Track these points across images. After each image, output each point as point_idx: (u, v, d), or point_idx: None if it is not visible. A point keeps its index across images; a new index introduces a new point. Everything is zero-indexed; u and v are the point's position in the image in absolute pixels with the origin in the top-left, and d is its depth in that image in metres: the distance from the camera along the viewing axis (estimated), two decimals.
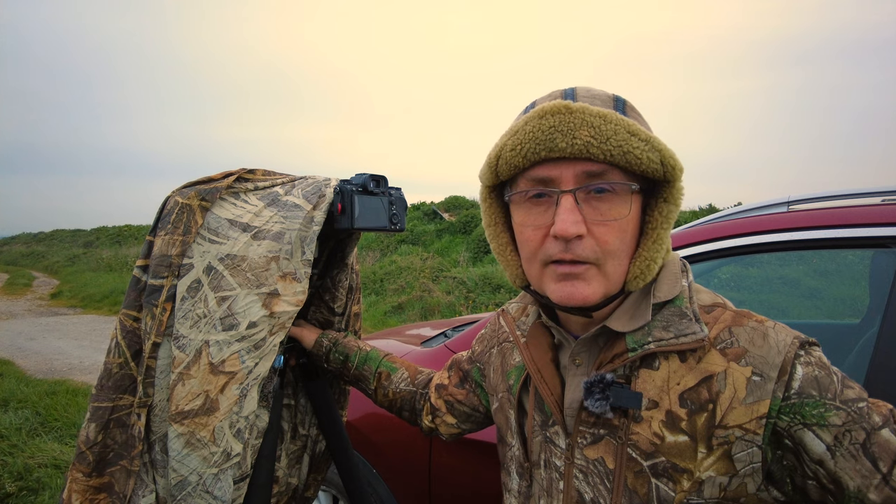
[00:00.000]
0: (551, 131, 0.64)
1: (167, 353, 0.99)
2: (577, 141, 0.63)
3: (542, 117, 0.65)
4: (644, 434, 0.66)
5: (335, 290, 1.25)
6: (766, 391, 0.62)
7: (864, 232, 1.20)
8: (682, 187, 0.68)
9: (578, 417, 0.71)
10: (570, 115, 0.64)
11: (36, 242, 32.84)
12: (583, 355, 0.73)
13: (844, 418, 0.60)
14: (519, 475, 0.80)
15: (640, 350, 0.67)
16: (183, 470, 0.97)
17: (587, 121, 0.63)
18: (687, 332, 0.66)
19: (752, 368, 0.63)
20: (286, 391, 1.25)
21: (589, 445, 0.70)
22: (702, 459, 0.63)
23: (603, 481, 0.68)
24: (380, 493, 1.71)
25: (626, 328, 0.69)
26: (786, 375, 0.62)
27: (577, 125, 0.63)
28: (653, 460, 0.65)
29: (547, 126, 0.64)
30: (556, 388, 0.74)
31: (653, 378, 0.67)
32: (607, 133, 0.63)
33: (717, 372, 0.65)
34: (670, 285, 0.70)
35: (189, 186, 1.06)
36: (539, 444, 0.77)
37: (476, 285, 8.78)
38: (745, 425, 0.62)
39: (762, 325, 0.67)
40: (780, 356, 0.63)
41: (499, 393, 0.88)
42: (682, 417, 0.65)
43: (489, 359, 0.94)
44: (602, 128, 0.63)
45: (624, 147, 0.63)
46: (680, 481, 0.64)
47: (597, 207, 0.65)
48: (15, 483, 2.95)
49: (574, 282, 0.66)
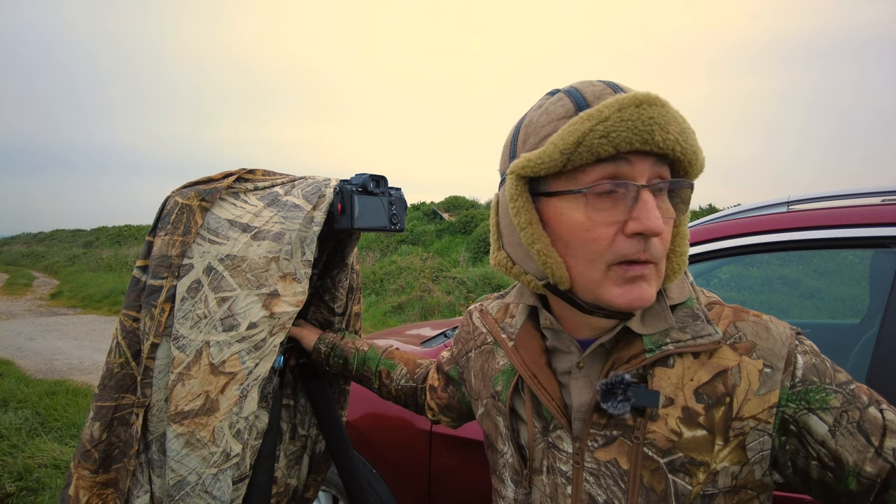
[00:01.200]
0: (651, 122, 0.60)
1: (165, 354, 0.99)
2: (669, 136, 0.61)
3: (640, 106, 0.60)
4: (661, 432, 0.66)
5: (335, 291, 1.25)
6: (775, 381, 0.65)
7: (864, 232, 1.20)
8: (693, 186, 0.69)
9: (589, 420, 0.70)
10: (663, 109, 0.61)
11: (36, 242, 32.85)
12: (586, 358, 0.72)
13: (842, 400, 0.64)
14: (515, 483, 0.78)
15: (657, 351, 0.68)
16: (182, 470, 0.97)
17: (675, 117, 0.62)
18: (703, 334, 0.68)
19: (763, 361, 0.66)
20: (285, 391, 1.25)
21: (600, 448, 0.69)
22: (718, 451, 0.65)
23: (617, 482, 0.68)
24: (380, 493, 1.71)
25: (647, 330, 0.69)
26: (791, 366, 0.65)
27: (670, 120, 0.62)
28: (670, 457, 0.66)
29: (647, 116, 0.60)
30: (556, 393, 0.73)
31: (668, 376, 0.68)
32: (687, 132, 0.63)
33: (730, 366, 0.66)
34: (680, 287, 0.72)
35: (189, 186, 1.06)
36: (542, 451, 0.75)
37: (476, 285, 8.78)
38: (759, 415, 0.65)
39: (761, 318, 0.69)
40: (785, 348, 0.66)
41: (483, 399, 0.86)
42: (700, 412, 0.66)
43: (467, 363, 0.92)
44: (684, 126, 0.63)
45: (695, 147, 0.64)
46: (696, 474, 0.65)
47: (660, 206, 0.65)
48: (15, 483, 2.95)
49: (641, 283, 0.64)
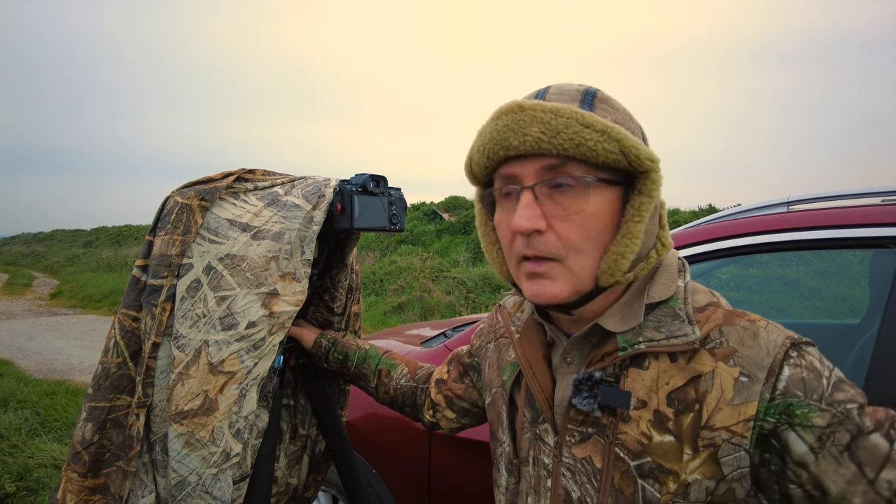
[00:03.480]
0: (505, 130, 0.66)
1: (167, 353, 0.99)
2: (527, 138, 0.64)
3: (498, 118, 0.67)
4: (632, 433, 0.66)
5: (335, 290, 1.25)
6: (753, 393, 0.61)
7: (864, 232, 1.20)
8: (657, 178, 0.66)
9: (567, 415, 0.71)
10: (521, 113, 0.65)
11: (36, 242, 32.84)
12: (574, 353, 0.73)
13: (829, 420, 0.58)
14: (508, 472, 0.80)
15: (630, 350, 0.67)
16: (182, 470, 0.97)
17: (537, 117, 0.64)
18: (678, 334, 0.65)
19: (741, 369, 0.62)
20: (285, 391, 1.25)
21: (577, 444, 0.70)
22: (687, 461, 0.63)
23: (590, 480, 0.68)
24: (380, 493, 1.71)
25: (617, 328, 0.68)
26: (773, 377, 0.61)
27: (528, 122, 0.64)
28: (639, 460, 0.65)
29: (501, 126, 0.66)
30: (547, 385, 0.74)
31: (642, 377, 0.67)
32: (557, 127, 0.63)
33: (704, 372, 0.64)
34: (665, 285, 0.70)
35: (189, 186, 1.06)
36: (528, 441, 0.77)
37: (476, 285, 8.78)
38: (732, 427, 0.61)
39: (754, 324, 0.65)
40: (770, 357, 0.62)
41: (492, 388, 0.88)
42: (669, 417, 0.64)
43: (485, 354, 0.94)
44: (552, 122, 0.63)
45: (576, 139, 0.63)
46: (666, 483, 0.63)
47: (559, 202, 0.65)
48: (15, 483, 2.95)
49: (540, 280, 0.67)
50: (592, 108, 0.67)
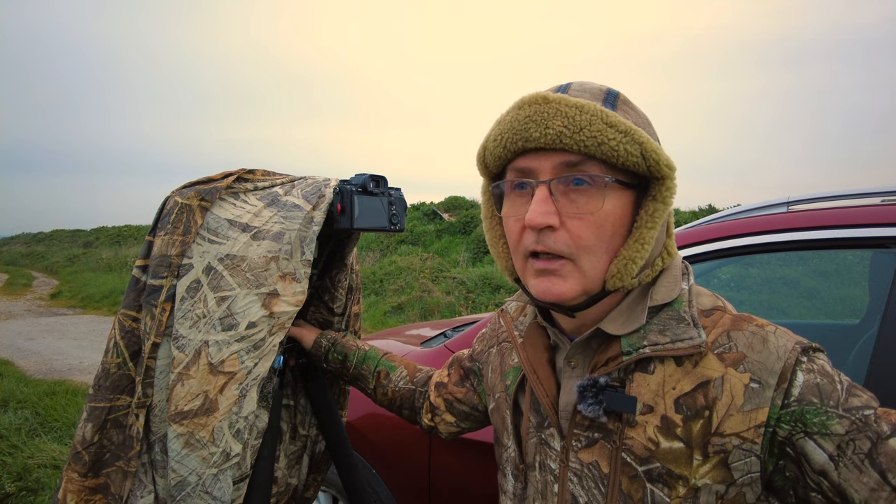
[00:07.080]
0: (526, 121, 0.64)
1: (167, 354, 0.99)
2: (549, 131, 0.63)
3: (520, 108, 0.66)
4: (639, 439, 0.65)
5: (335, 291, 1.25)
6: (764, 399, 0.60)
7: (864, 232, 1.20)
8: (672, 185, 0.65)
9: (573, 420, 0.70)
10: (545, 106, 0.64)
11: (36, 242, 32.84)
12: (578, 357, 0.72)
13: (848, 426, 0.57)
14: (514, 477, 0.79)
15: (634, 354, 0.66)
16: (182, 470, 0.97)
17: (561, 111, 0.63)
18: (683, 337, 0.65)
19: (751, 375, 0.61)
20: (285, 391, 1.25)
21: (583, 449, 0.69)
22: (697, 466, 0.62)
23: (597, 485, 0.67)
24: (380, 493, 1.71)
25: (620, 331, 0.67)
26: (785, 382, 0.60)
27: (552, 115, 0.63)
28: (648, 465, 0.64)
29: (523, 116, 0.65)
30: (552, 390, 0.73)
31: (648, 382, 0.66)
32: (581, 123, 0.62)
33: (713, 377, 0.63)
34: (669, 288, 0.69)
35: (188, 186, 1.06)
36: (534, 446, 0.76)
37: (476, 285, 8.78)
38: (743, 434, 0.61)
39: (762, 329, 0.64)
40: (780, 362, 0.61)
41: (496, 393, 0.87)
42: (678, 423, 0.63)
43: (488, 358, 0.94)
44: (576, 118, 0.62)
45: (598, 138, 0.62)
46: (675, 487, 0.63)
47: (574, 200, 0.64)
48: (14, 483, 2.95)
49: (550, 277, 0.65)
50: (615, 109, 0.66)
